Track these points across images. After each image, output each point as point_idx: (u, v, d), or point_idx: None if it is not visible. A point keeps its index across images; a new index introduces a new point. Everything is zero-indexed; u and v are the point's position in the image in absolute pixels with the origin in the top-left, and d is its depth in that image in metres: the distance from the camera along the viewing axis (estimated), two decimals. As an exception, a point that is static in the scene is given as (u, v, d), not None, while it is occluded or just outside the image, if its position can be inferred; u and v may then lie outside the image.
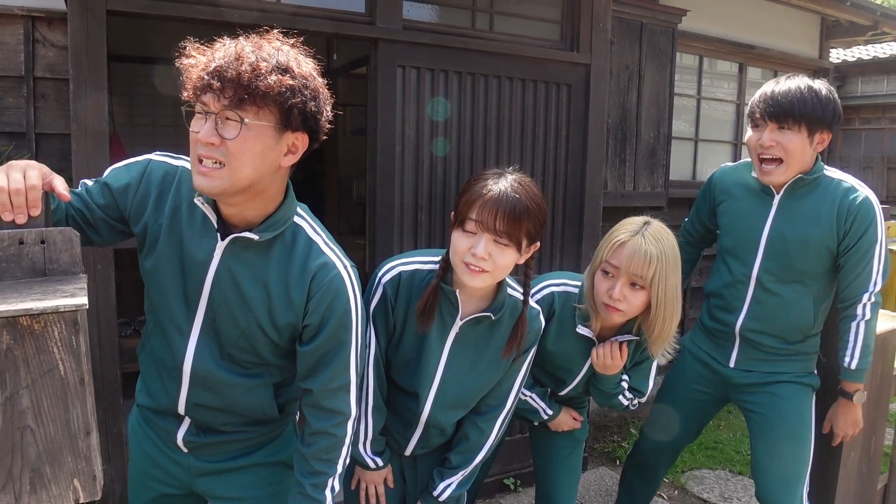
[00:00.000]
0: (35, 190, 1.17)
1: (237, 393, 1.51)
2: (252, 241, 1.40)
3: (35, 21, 2.80)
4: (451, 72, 2.96)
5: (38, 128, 2.84)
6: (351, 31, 2.77)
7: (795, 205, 2.24)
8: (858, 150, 13.85)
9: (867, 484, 2.74)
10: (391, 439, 1.89)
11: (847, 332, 2.22)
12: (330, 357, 1.47)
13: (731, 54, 5.04)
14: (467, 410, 1.87)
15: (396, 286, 1.73)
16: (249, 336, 1.46)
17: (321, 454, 1.52)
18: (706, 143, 5.01)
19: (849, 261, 2.19)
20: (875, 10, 5.31)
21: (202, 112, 1.29)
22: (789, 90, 2.15)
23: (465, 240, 1.60)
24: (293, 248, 1.44)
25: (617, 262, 1.85)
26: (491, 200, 1.57)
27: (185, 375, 1.49)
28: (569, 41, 3.28)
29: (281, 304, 1.43)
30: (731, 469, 3.80)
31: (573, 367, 2.09)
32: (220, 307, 1.44)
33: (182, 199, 1.44)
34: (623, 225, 1.91)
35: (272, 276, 1.42)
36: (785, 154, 2.17)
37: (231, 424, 1.57)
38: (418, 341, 1.75)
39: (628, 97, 4.16)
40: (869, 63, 13.22)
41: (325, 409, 1.50)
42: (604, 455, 3.94)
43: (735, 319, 2.35)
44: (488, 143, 3.09)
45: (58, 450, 1.03)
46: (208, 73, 1.26)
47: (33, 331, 0.98)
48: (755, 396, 2.37)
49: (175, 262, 1.44)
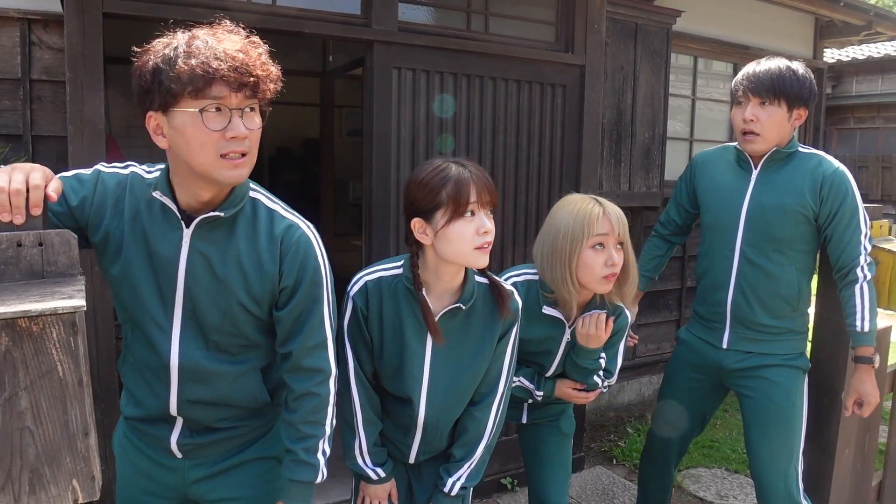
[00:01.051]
0: (38, 189, 1.18)
1: (227, 382, 1.52)
2: (218, 220, 1.44)
3: (31, 23, 2.80)
4: (446, 73, 2.97)
5: (35, 130, 2.84)
6: (347, 33, 2.78)
7: (772, 177, 2.37)
8: (853, 150, 13.90)
9: (862, 481, 2.75)
10: (393, 448, 1.89)
11: (852, 296, 2.27)
12: (306, 315, 1.52)
13: (726, 55, 5.05)
14: (464, 405, 1.86)
15: (365, 296, 1.75)
16: (232, 317, 1.48)
17: (308, 416, 1.55)
18: (701, 144, 5.02)
19: (836, 229, 2.28)
20: (868, 11, 5.33)
21: (220, 109, 1.32)
22: (769, 69, 2.32)
23: (470, 224, 1.63)
24: (256, 220, 1.49)
25: (606, 230, 1.94)
26: (475, 179, 1.63)
27: (173, 372, 1.49)
28: (563, 42, 3.30)
29: (256, 276, 1.46)
30: (728, 467, 3.82)
31: (551, 348, 2.13)
32: (198, 294, 1.45)
33: (138, 200, 1.46)
34: (578, 203, 1.98)
35: (242, 250, 1.46)
36: (762, 128, 2.31)
37: (225, 420, 1.57)
38: (399, 347, 1.76)
39: (623, 98, 4.18)
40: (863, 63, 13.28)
41: (305, 369, 1.54)
42: (600, 454, 3.95)
43: (724, 296, 2.43)
44: (484, 145, 3.10)
45: (56, 451, 1.04)
46: (232, 70, 1.30)
47: (32, 332, 0.99)
48: (747, 381, 2.43)
49: (144, 261, 1.45)
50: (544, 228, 2.05)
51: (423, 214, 1.66)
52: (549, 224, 2.02)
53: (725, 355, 2.46)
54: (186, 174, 1.39)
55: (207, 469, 1.61)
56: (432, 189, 1.63)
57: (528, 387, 2.17)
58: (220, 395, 1.54)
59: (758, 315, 2.39)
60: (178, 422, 1.56)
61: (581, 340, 2.05)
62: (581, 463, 3.67)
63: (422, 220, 1.66)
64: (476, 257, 1.65)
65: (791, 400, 2.38)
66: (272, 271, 1.47)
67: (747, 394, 2.44)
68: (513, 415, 2.26)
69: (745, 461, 3.82)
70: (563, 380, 2.19)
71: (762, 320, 2.39)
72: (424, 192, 1.64)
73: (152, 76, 1.32)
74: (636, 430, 4.26)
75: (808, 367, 2.44)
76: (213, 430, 1.58)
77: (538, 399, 2.19)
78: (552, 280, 2.00)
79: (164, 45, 1.35)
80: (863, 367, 2.30)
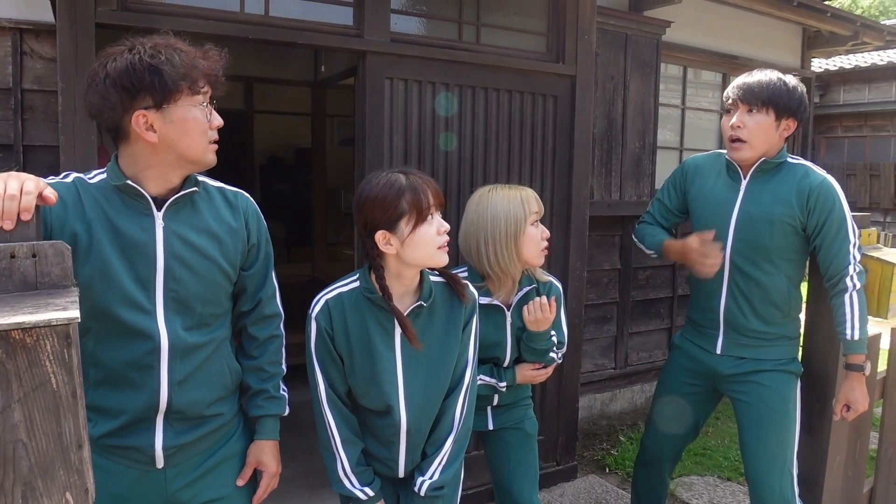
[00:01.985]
0: (29, 195, 1.17)
1: (208, 354, 1.62)
2: (184, 200, 1.58)
3: (23, 33, 2.80)
4: (438, 83, 2.98)
5: (26, 140, 2.84)
6: (340, 43, 2.80)
7: (760, 187, 2.39)
8: (841, 158, 14.00)
9: (853, 487, 2.76)
10: (381, 466, 1.88)
11: (842, 305, 2.30)
12: (266, 268, 1.76)
13: (715, 65, 5.09)
14: (441, 401, 1.87)
15: (328, 314, 1.78)
16: (214, 285, 1.61)
17: (273, 356, 1.78)
18: (691, 153, 5.05)
19: (825, 240, 2.31)
20: (855, 21, 5.39)
21: (204, 103, 1.52)
22: (760, 79, 2.35)
23: (431, 227, 1.74)
24: (210, 196, 1.66)
25: (538, 208, 2.17)
26: (427, 184, 1.74)
27: (163, 353, 1.53)
28: (554, 53, 3.32)
29: (230, 240, 1.64)
30: (720, 475, 3.82)
31: (499, 339, 2.21)
32: (181, 270, 1.55)
33: (97, 199, 1.52)
34: (503, 190, 2.15)
35: (210, 221, 1.62)
36: (749, 135, 2.34)
37: (207, 403, 1.63)
38: (369, 358, 1.78)
39: (614, 107, 4.20)
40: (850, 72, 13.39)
41: (267, 316, 1.77)
42: (593, 463, 3.95)
43: (717, 304, 2.46)
44: (476, 154, 3.11)
45: (50, 463, 1.03)
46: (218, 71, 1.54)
47: (25, 344, 0.99)
48: (742, 385, 2.45)
49: (117, 252, 1.50)
50: (474, 221, 2.15)
51: (386, 226, 1.71)
52: (480, 215, 2.14)
53: (720, 361, 2.48)
54: (169, 163, 1.52)
55: (190, 474, 1.63)
56: (392, 201, 1.70)
57: (490, 382, 2.21)
58: (203, 370, 1.61)
59: (750, 321, 2.41)
60: (159, 422, 1.56)
61: (531, 327, 2.16)
62: (574, 472, 3.67)
63: (386, 232, 1.72)
64: (440, 256, 1.76)
65: (785, 404, 2.41)
66: (242, 232, 1.67)
67: (742, 398, 2.46)
68: (478, 423, 2.27)
69: (737, 469, 3.83)
70: (520, 364, 2.27)
71: (755, 326, 2.41)
72: (384, 205, 1.71)
73: (148, 76, 1.43)
74: (629, 438, 4.26)
75: (801, 372, 2.46)
76: (196, 426, 1.61)
77: (502, 390, 2.24)
78: (497, 263, 2.12)
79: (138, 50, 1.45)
80: (853, 374, 2.33)
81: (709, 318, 2.50)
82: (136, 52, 1.44)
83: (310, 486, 3.38)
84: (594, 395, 4.54)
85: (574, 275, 3.38)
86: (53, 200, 1.23)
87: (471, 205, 2.19)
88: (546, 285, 2.27)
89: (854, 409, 2.34)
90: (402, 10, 3.01)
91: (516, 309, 2.21)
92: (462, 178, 3.08)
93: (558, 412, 3.50)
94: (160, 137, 1.47)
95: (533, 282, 2.24)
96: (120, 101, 1.43)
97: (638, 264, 4.54)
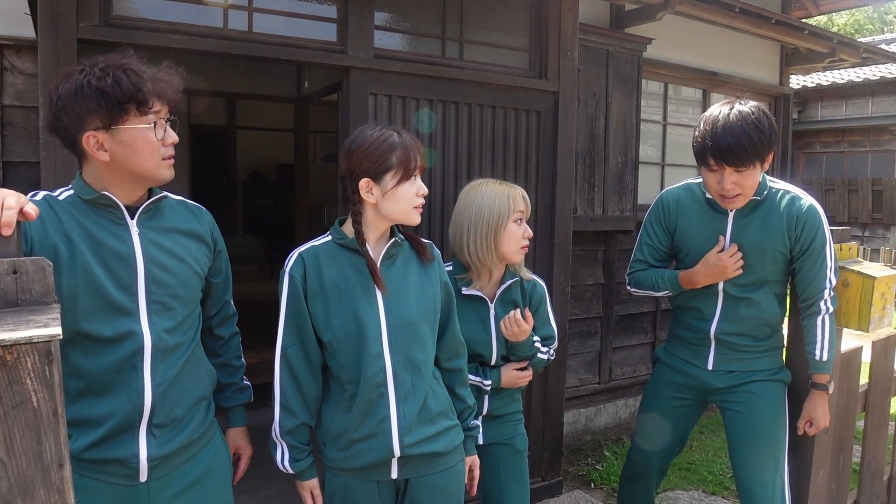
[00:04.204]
0: (11, 210, 1.17)
1: (186, 353, 1.67)
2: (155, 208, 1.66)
3: (3, 49, 2.79)
4: (422, 99, 2.99)
5: (6, 156, 2.81)
6: (323, 59, 2.80)
7: (748, 219, 2.39)
8: (819, 173, 14.21)
9: (837, 500, 2.78)
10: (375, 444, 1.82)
11: (813, 327, 2.37)
12: (227, 273, 1.90)
13: (695, 81, 5.16)
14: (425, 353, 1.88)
15: (302, 265, 1.84)
16: (189, 285, 1.69)
17: (235, 351, 1.97)
18: (673, 168, 5.10)
19: (805, 263, 2.36)
20: (832, 38, 5.49)
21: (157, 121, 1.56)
22: (736, 136, 2.20)
23: (412, 186, 1.83)
24: (174, 208, 1.73)
25: (523, 207, 2.23)
26: (417, 147, 1.84)
27: (146, 354, 1.57)
28: (537, 69, 3.34)
29: (197, 247, 1.73)
30: (705, 489, 3.83)
31: (484, 335, 2.25)
32: (160, 273, 1.61)
33: (72, 213, 1.55)
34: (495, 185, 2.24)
35: (180, 229, 1.70)
36: (743, 189, 2.30)
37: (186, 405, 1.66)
38: (350, 307, 1.81)
39: (596, 123, 4.24)
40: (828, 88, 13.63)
41: (230, 316, 1.95)
42: (578, 478, 3.94)
43: (709, 326, 2.48)
44: (460, 169, 3.12)
45: (30, 483, 1.01)
46: (173, 89, 1.59)
47: (6, 362, 0.97)
48: (733, 395, 2.48)
49: (98, 261, 1.53)
50: (461, 210, 2.24)
51: (372, 176, 1.80)
52: (467, 205, 2.22)
53: (712, 375, 2.50)
54: (125, 178, 1.57)
55: (173, 488, 1.64)
56: (383, 153, 1.79)
57: (475, 381, 2.22)
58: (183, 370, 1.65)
59: (742, 339, 2.45)
60: (142, 429, 1.57)
61: (511, 339, 2.21)
62: (559, 488, 3.66)
63: (370, 181, 1.80)
64: (414, 216, 1.86)
65: (776, 411, 2.45)
66: (208, 240, 1.77)
67: (734, 408, 2.48)
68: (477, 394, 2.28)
69: (721, 483, 3.84)
70: (506, 365, 2.30)
71: (746, 343, 2.45)
72: (375, 155, 1.79)
73: (95, 98, 1.47)
74: (613, 453, 4.26)
75: (789, 380, 2.51)
76: (177, 431, 1.63)
77: (487, 389, 2.25)
78: (474, 254, 2.20)
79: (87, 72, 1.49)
80: (817, 392, 2.41)
81: (699, 338, 2.52)
82: (84, 73, 1.49)
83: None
84: (579, 409, 4.54)
85: (558, 290, 3.39)
86: (34, 216, 1.22)
87: (461, 195, 2.28)
88: (530, 283, 2.32)
89: (816, 425, 2.43)
90: (386, 26, 3.02)
91: (499, 301, 2.26)
92: (446, 193, 3.08)
93: (543, 427, 3.49)
94: (112, 157, 1.53)
95: (517, 276, 2.29)
96: (71, 122, 1.51)
97: (621, 279, 4.55)
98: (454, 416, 1.99)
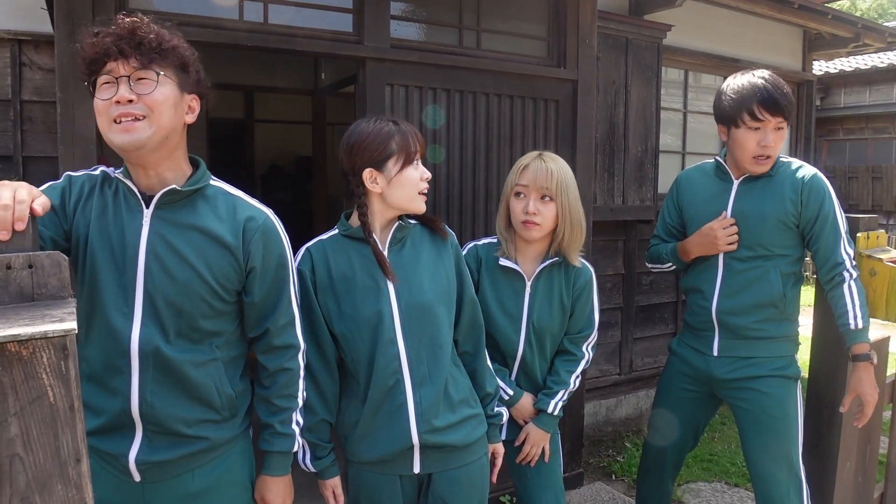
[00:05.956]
0: (23, 204, 1.16)
1: (188, 369, 1.52)
2: (178, 196, 1.52)
3: (22, 44, 2.80)
4: (439, 89, 2.97)
5: (26, 151, 2.83)
6: (339, 50, 2.78)
7: (752, 185, 2.40)
8: (843, 161, 13.99)
9: (863, 493, 2.73)
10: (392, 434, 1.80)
11: (841, 296, 2.29)
12: (276, 297, 1.63)
13: (716, 68, 5.08)
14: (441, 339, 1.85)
15: (310, 259, 1.84)
16: (191, 292, 1.51)
17: (282, 390, 1.66)
18: (694, 156, 5.03)
19: (820, 231, 2.32)
20: (856, 23, 5.38)
21: (110, 81, 1.43)
22: (776, 85, 2.30)
23: (416, 171, 1.83)
24: (216, 203, 1.57)
25: (525, 182, 2.13)
26: (414, 132, 1.84)
27: (133, 359, 1.48)
28: (555, 58, 3.30)
29: (216, 247, 1.53)
30: (728, 481, 3.79)
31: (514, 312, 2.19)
32: (158, 274, 1.49)
33: (106, 196, 1.53)
34: (522, 157, 2.21)
35: (203, 229, 1.53)
36: (775, 151, 2.33)
37: (186, 421, 1.53)
38: (359, 296, 1.80)
39: (615, 112, 4.19)
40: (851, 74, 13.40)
41: (278, 347, 1.66)
42: (599, 470, 3.92)
43: (710, 305, 2.45)
44: (477, 160, 3.09)
45: (47, 478, 1.01)
46: (116, 43, 1.41)
47: (21, 357, 0.97)
48: (740, 392, 2.43)
49: (107, 252, 1.49)
50: None
51: (374, 165, 1.79)
52: None
53: (716, 364, 2.46)
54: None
55: (170, 495, 1.56)
56: (382, 141, 1.79)
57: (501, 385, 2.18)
58: (182, 380, 1.52)
59: (745, 320, 2.39)
60: (137, 431, 1.51)
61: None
62: (580, 479, 3.64)
63: (373, 171, 1.80)
64: (419, 201, 1.85)
65: (785, 410, 2.38)
66: (235, 247, 1.55)
67: (741, 405, 2.44)
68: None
69: (744, 474, 3.80)
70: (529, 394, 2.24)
71: (750, 325, 2.39)
72: (375, 144, 1.79)
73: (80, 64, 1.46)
74: (634, 444, 4.23)
75: (800, 375, 2.44)
76: (175, 444, 1.53)
77: (506, 399, 2.19)
78: (497, 227, 2.23)
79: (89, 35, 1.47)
80: (860, 364, 2.27)
81: (703, 321, 2.49)
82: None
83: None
84: (599, 401, 4.51)
85: (578, 280, 3.36)
86: (41, 212, 1.20)
87: None
88: (577, 268, 2.23)
89: (865, 402, 2.28)
90: (402, 15, 3.00)
91: (537, 280, 2.20)
92: (464, 184, 3.06)
93: (564, 419, 3.45)
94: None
95: (559, 257, 2.20)
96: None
97: (641, 269, 4.52)
98: (476, 404, 1.96)
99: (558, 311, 2.20)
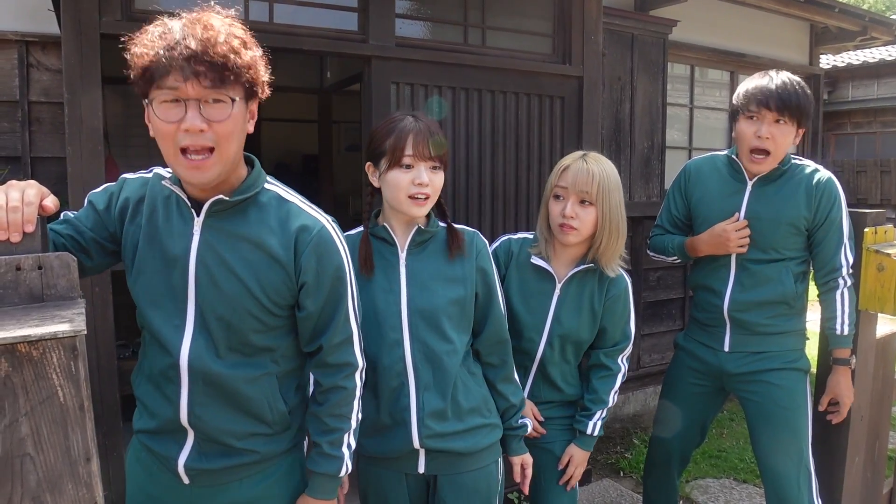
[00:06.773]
0: (31, 206, 1.16)
1: (238, 384, 1.46)
2: (226, 205, 1.42)
3: (29, 45, 2.81)
4: (444, 87, 2.97)
5: (34, 151, 2.84)
6: (344, 49, 2.79)
7: (767, 188, 2.40)
8: (851, 155, 13.91)
9: (872, 488, 2.73)
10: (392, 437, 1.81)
11: (833, 301, 2.36)
12: (331, 313, 1.51)
13: (723, 63, 5.07)
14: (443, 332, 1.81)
15: None
16: (241, 309, 1.43)
17: (334, 409, 1.55)
18: (700, 152, 5.02)
19: (824, 235, 2.35)
20: (863, 16, 5.35)
21: (176, 100, 1.29)
22: (784, 84, 2.30)
23: (406, 175, 1.75)
24: (268, 210, 1.47)
25: (565, 184, 2.05)
26: (416, 134, 1.74)
27: (183, 372, 1.44)
28: (561, 54, 3.30)
29: (265, 261, 1.44)
30: (736, 477, 3.79)
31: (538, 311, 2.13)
32: (208, 286, 1.42)
33: (156, 200, 1.47)
34: (566, 157, 2.14)
35: (253, 239, 1.44)
36: (775, 147, 2.31)
37: (236, 435, 1.49)
38: (370, 293, 1.79)
39: (621, 108, 4.18)
40: (859, 68, 13.31)
41: (332, 365, 1.54)
42: (607, 466, 3.92)
43: (722, 303, 2.45)
44: (483, 158, 3.09)
45: (58, 477, 1.02)
46: (185, 58, 1.26)
47: (32, 357, 0.98)
48: (750, 385, 2.45)
49: (158, 260, 1.44)
50: None
51: (373, 159, 1.81)
52: None
53: (727, 359, 2.47)
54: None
55: (216, 500, 1.53)
56: (380, 138, 1.78)
57: None
58: (231, 394, 1.47)
59: (757, 318, 2.41)
60: (188, 437, 1.49)
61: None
62: (588, 476, 3.64)
63: (371, 164, 1.82)
64: (409, 206, 1.76)
65: (795, 402, 2.40)
66: (286, 260, 1.44)
67: (751, 398, 2.45)
68: None
69: (753, 471, 3.79)
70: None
71: (762, 321, 2.41)
72: (375, 139, 1.80)
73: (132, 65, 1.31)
74: (642, 441, 4.23)
75: (809, 368, 2.45)
76: (225, 454, 1.50)
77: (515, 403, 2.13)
78: (538, 226, 2.16)
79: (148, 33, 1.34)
80: (840, 368, 2.38)
81: (714, 317, 2.49)
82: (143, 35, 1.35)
83: None
84: (607, 397, 4.50)
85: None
86: (53, 209, 1.21)
87: None
88: (608, 277, 2.13)
89: (842, 402, 2.39)
90: (407, 14, 3.00)
91: (568, 284, 2.12)
92: (470, 181, 3.06)
93: (571, 416, 3.47)
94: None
95: (594, 264, 2.11)
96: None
97: (649, 265, 4.51)
98: (491, 414, 1.91)
99: (588, 318, 2.13)
